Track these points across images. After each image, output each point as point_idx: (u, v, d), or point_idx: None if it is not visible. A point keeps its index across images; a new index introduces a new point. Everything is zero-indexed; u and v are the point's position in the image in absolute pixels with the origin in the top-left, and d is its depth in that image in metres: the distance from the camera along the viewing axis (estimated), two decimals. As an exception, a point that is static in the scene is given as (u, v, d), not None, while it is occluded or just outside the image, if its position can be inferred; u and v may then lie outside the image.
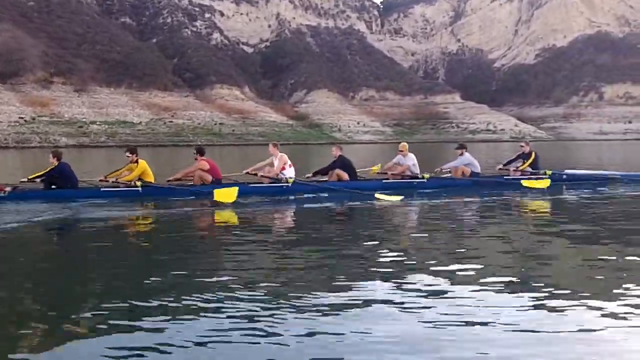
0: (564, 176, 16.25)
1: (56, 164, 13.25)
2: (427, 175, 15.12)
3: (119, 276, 6.31)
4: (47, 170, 13.21)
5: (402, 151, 15.64)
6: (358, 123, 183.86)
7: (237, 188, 12.95)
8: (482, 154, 49.22)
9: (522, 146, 16.78)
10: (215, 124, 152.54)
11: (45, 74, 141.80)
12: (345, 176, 14.62)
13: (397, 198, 13.19)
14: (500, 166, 16.90)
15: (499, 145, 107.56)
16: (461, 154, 15.99)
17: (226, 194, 12.86)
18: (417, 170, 15.42)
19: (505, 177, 15.90)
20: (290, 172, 14.43)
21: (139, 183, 13.51)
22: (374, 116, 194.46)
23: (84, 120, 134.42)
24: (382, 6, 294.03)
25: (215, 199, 12.74)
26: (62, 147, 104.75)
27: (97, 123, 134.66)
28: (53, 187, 13.33)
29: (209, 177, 14.14)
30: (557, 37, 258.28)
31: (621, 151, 61.04)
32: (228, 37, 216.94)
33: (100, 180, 13.79)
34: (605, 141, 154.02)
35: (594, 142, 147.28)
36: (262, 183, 14.33)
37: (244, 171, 14.54)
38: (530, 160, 16.03)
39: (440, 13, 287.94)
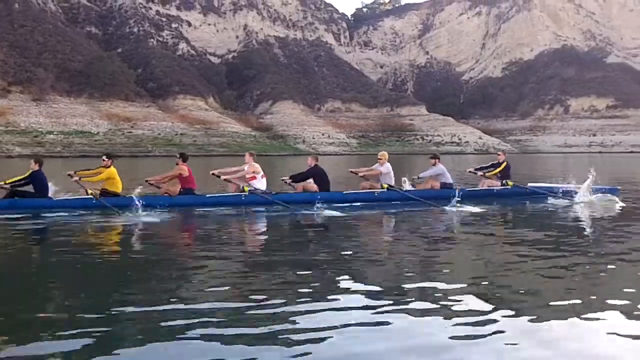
0: (527, 190, 16.92)
1: (37, 169, 13.74)
2: (385, 186, 15.66)
3: (74, 290, 6.44)
4: (28, 174, 13.64)
5: (380, 159, 16.18)
6: (323, 134, 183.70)
7: None
8: (447, 166, 50.63)
9: (498, 155, 17.61)
10: (176, 135, 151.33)
11: (2, 82, 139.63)
12: (314, 188, 15.10)
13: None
14: (471, 169, 18.06)
15: (464, 158, 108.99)
16: (434, 164, 16.60)
17: None
18: (390, 180, 15.96)
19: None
20: (260, 183, 14.81)
21: (90, 192, 13.72)
22: (340, 128, 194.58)
23: (40, 130, 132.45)
24: (352, 19, 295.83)
25: None
26: (14, 156, 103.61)
27: (54, 133, 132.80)
28: (16, 197, 13.65)
29: (177, 188, 14.55)
30: (524, 51, 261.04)
31: (585, 164, 62.93)
32: (195, 47, 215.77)
33: (69, 175, 14.19)
34: (570, 154, 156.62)
35: (559, 154, 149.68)
36: (222, 193, 14.86)
37: (211, 172, 15.24)
38: (499, 168, 16.99)
39: (410, 26, 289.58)
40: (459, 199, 14.42)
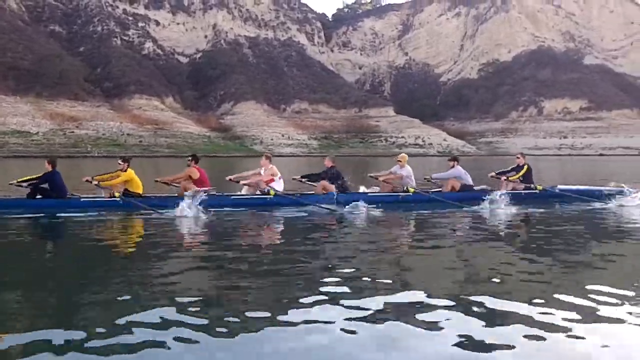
0: (557, 191, 16.55)
1: (50, 169, 13.25)
2: (412, 190, 15.35)
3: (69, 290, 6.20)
4: (39, 175, 13.31)
5: (400, 161, 15.96)
6: (282, 135, 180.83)
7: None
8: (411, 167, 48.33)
9: (517, 158, 17.11)
10: (122, 135, 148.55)
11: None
12: (332, 188, 14.70)
13: None
14: (493, 174, 17.19)
15: (427, 160, 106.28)
16: (452, 166, 16.27)
17: None
18: (412, 182, 15.71)
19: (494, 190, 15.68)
20: (278, 185, 14.51)
21: (117, 194, 13.39)
22: (303, 129, 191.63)
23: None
24: (332, 19, 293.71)
25: None
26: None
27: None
28: (39, 196, 13.31)
29: (193, 187, 13.88)
30: (502, 52, 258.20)
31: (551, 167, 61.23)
32: (163, 46, 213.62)
33: (86, 181, 13.80)
34: (539, 156, 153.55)
35: (528, 157, 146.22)
36: (247, 195, 14.47)
37: (227, 178, 14.98)
38: (522, 172, 16.35)
39: (389, 27, 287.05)
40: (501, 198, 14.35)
